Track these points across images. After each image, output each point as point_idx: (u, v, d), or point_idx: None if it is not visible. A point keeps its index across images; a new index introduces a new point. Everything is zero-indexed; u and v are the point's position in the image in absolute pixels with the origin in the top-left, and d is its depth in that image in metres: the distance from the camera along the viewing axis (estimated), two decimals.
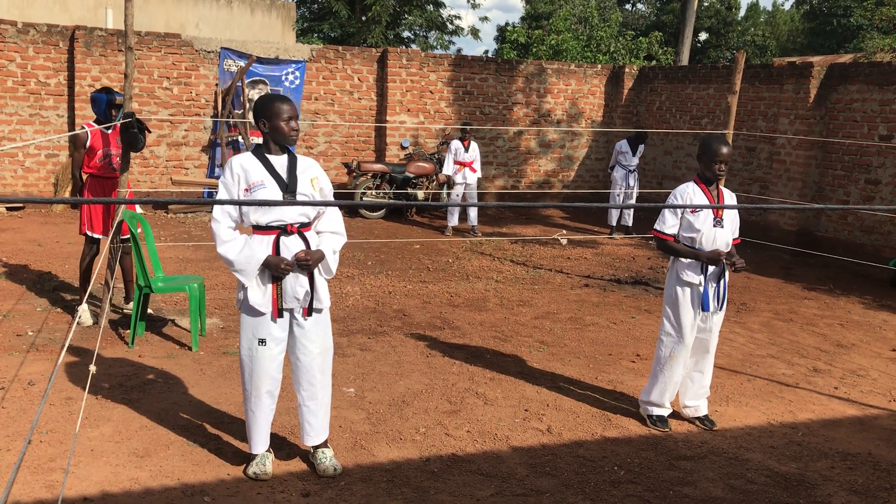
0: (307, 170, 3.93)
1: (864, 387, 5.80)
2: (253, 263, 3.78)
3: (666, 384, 4.80)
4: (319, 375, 4.03)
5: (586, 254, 10.44)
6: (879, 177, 10.27)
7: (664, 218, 4.74)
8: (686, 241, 4.71)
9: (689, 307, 4.73)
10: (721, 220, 4.68)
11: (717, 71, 13.30)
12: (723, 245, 4.69)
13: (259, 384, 3.93)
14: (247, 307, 3.88)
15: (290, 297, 3.87)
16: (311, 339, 3.96)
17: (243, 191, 3.79)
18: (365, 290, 7.86)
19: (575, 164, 14.90)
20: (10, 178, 11.49)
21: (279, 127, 3.82)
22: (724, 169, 4.64)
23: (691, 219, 4.67)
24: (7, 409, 4.61)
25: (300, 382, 4.03)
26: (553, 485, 4.07)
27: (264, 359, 3.91)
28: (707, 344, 4.85)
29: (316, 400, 4.04)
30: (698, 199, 4.67)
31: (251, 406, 3.98)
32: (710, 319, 4.79)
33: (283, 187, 3.82)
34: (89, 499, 3.70)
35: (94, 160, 6.38)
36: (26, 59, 11.32)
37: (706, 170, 4.67)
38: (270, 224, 3.81)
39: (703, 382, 4.92)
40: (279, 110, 3.81)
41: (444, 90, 13.74)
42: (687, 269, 4.70)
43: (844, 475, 4.34)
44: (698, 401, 4.95)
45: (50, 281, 7.52)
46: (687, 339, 4.75)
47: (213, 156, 12.51)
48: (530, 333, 6.71)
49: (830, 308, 8.11)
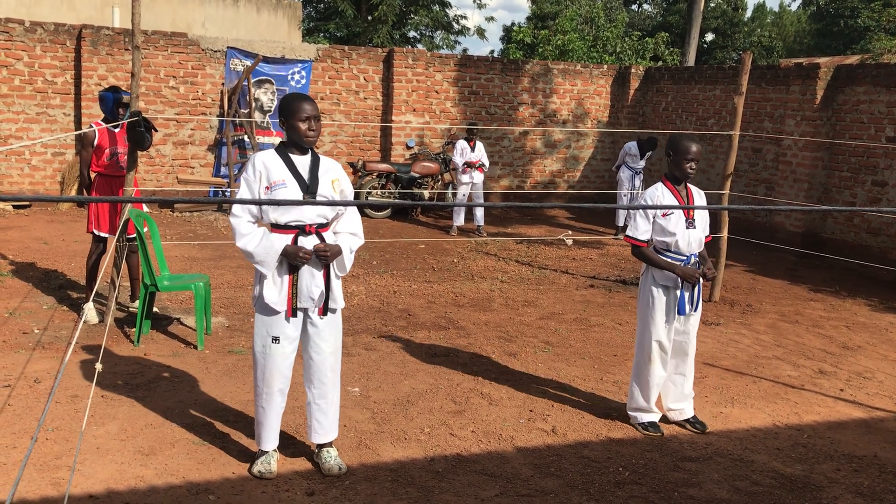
0: (329, 171, 3.94)
1: (870, 389, 5.78)
2: (272, 254, 3.80)
3: (647, 388, 4.75)
4: (330, 374, 4.05)
5: (591, 254, 10.43)
6: (886, 178, 10.24)
7: (636, 223, 4.67)
8: (660, 244, 4.66)
9: (665, 310, 4.68)
10: (693, 221, 4.64)
11: (723, 72, 13.27)
12: (696, 244, 4.65)
13: (271, 382, 3.96)
14: (261, 305, 3.91)
15: (306, 297, 3.89)
16: (324, 338, 3.99)
17: (264, 188, 3.81)
18: (370, 290, 7.86)
19: (580, 165, 14.89)
20: (17, 176, 11.53)
21: (296, 126, 3.82)
22: (694, 167, 4.60)
23: (663, 222, 4.61)
24: (13, 407, 4.63)
25: (311, 380, 4.05)
26: (558, 485, 4.06)
27: (277, 357, 3.93)
28: (685, 346, 4.81)
29: (326, 398, 4.06)
30: (667, 200, 4.63)
31: (262, 403, 4.00)
32: (686, 322, 4.76)
33: (304, 188, 3.83)
34: (95, 496, 3.71)
35: (102, 159, 6.40)
36: (33, 57, 11.36)
37: (676, 169, 4.62)
38: (289, 224, 3.83)
39: (685, 385, 4.88)
40: (297, 109, 3.81)
41: (449, 90, 13.74)
42: (662, 272, 4.66)
43: (850, 477, 4.33)
44: (683, 403, 4.91)
45: (56, 279, 7.54)
46: (664, 342, 4.71)
47: (218, 155, 12.53)
48: (535, 334, 6.71)
49: (836, 310, 8.09)
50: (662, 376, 4.78)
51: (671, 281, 4.64)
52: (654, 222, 4.66)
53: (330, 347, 4.02)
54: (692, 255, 4.66)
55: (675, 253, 4.64)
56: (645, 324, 4.74)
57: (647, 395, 4.76)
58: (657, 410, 4.85)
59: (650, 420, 4.81)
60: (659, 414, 4.87)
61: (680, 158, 4.58)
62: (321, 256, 3.83)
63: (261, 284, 3.89)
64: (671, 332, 4.73)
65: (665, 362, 4.76)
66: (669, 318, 4.69)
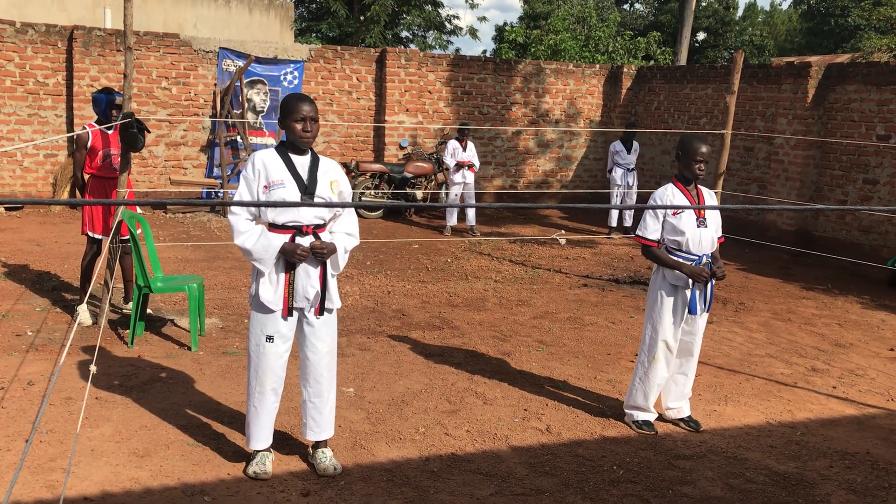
0: (328, 172, 3.95)
1: (863, 386, 5.81)
2: (270, 251, 3.81)
3: (650, 388, 4.75)
4: (326, 373, 4.07)
5: (585, 253, 10.45)
6: (877, 177, 10.29)
7: (646, 223, 4.66)
8: (671, 244, 4.66)
9: (674, 310, 4.68)
10: (704, 220, 4.63)
11: (715, 71, 13.32)
12: (708, 244, 4.64)
13: (264, 380, 3.97)
14: (257, 304, 3.92)
15: (301, 297, 3.90)
16: (320, 338, 4.01)
17: (262, 188, 3.83)
18: (364, 290, 7.87)
19: (573, 164, 14.91)
20: (9, 178, 11.49)
21: (291, 126, 3.83)
22: (703, 168, 4.59)
23: (674, 221, 4.61)
24: (7, 410, 4.62)
25: (307, 380, 4.07)
26: (552, 484, 4.08)
27: (270, 356, 3.95)
28: (692, 347, 4.82)
29: (321, 397, 4.08)
30: (678, 200, 4.62)
31: (255, 402, 4.00)
32: (695, 322, 4.76)
33: (303, 188, 3.84)
34: (90, 498, 3.70)
35: (96, 160, 6.38)
36: (24, 58, 11.32)
37: (685, 169, 4.62)
38: (286, 224, 3.84)
39: (686, 384, 4.90)
40: (294, 109, 3.83)
41: (442, 90, 13.75)
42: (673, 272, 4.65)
43: (843, 474, 4.36)
44: (681, 402, 4.93)
45: (49, 281, 7.52)
46: (671, 342, 4.72)
47: (211, 156, 12.51)
48: (529, 333, 6.73)
49: (829, 308, 8.13)
50: (665, 377, 4.79)
51: (682, 281, 4.62)
52: (665, 221, 4.64)
53: (326, 347, 4.03)
54: (704, 255, 4.63)
55: (686, 252, 4.62)
56: (653, 323, 4.73)
57: (647, 395, 4.77)
58: (654, 411, 4.87)
59: (645, 419, 4.83)
60: (655, 414, 4.88)
61: (689, 160, 4.57)
62: (317, 253, 3.84)
63: (257, 283, 3.89)
64: (678, 333, 4.73)
65: (670, 362, 4.77)
66: (677, 318, 4.68)
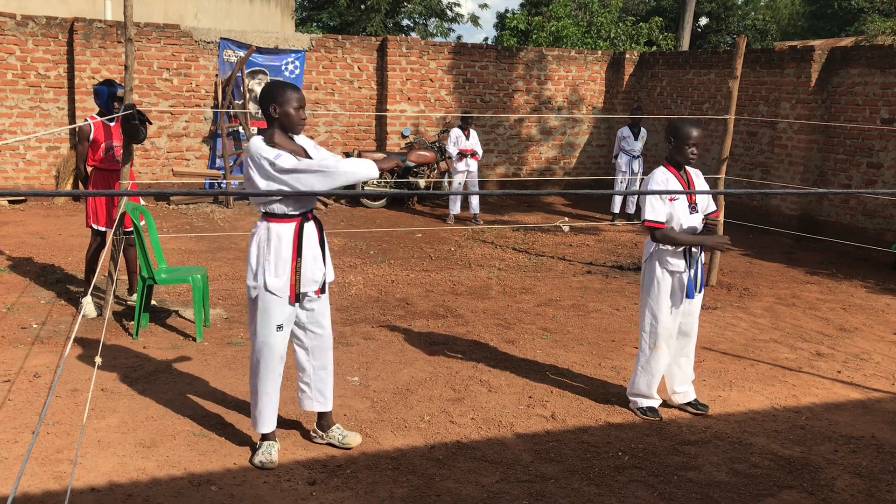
0: (311, 150, 4.00)
1: (868, 370, 5.81)
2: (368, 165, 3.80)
3: (652, 376, 4.76)
4: (329, 345, 4.23)
5: (588, 241, 10.44)
6: (881, 160, 10.25)
7: (654, 207, 4.59)
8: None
9: (671, 295, 4.68)
10: (696, 206, 4.66)
11: (717, 56, 13.25)
12: (696, 228, 4.69)
13: (275, 367, 4.05)
14: (264, 292, 3.94)
15: (310, 281, 3.98)
16: (324, 314, 4.16)
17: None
18: (367, 280, 7.87)
19: (576, 151, 14.87)
20: (12, 171, 11.50)
21: (289, 114, 3.83)
22: (696, 153, 4.58)
23: (669, 207, 4.60)
24: (13, 402, 4.64)
25: (314, 354, 4.18)
26: (558, 471, 4.09)
27: (279, 343, 4.02)
28: (690, 328, 4.84)
29: (327, 369, 4.24)
30: (673, 184, 4.61)
31: (266, 388, 4.06)
32: (691, 304, 4.79)
33: None
34: (97, 489, 3.72)
35: (98, 153, 6.38)
36: (25, 51, 11.30)
37: (677, 154, 4.60)
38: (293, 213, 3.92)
39: (689, 366, 4.92)
40: (291, 97, 3.83)
41: (444, 78, 13.71)
42: (670, 256, 4.64)
43: (848, 458, 4.36)
44: (686, 385, 4.94)
45: (53, 273, 7.54)
46: (671, 327, 4.73)
47: (213, 147, 12.50)
48: (533, 321, 6.73)
49: (833, 292, 8.12)
50: (667, 363, 4.80)
51: (680, 265, 4.64)
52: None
53: (328, 322, 4.20)
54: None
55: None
56: (651, 311, 4.73)
57: (650, 382, 4.77)
58: (658, 397, 4.87)
59: (649, 405, 4.83)
60: (659, 400, 4.88)
61: (682, 144, 4.56)
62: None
63: (263, 272, 3.90)
64: (678, 316, 4.75)
65: (671, 348, 4.78)
66: (675, 302, 4.70)
